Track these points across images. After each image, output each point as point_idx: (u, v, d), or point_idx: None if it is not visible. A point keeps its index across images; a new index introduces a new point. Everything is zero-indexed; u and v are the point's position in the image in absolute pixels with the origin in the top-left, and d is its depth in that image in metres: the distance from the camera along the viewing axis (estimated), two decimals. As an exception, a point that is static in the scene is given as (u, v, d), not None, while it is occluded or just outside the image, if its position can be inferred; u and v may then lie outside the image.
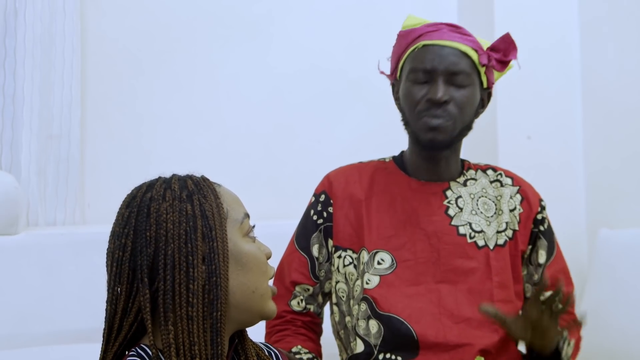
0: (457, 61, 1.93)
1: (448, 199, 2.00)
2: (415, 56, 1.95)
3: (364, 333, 1.93)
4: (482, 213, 2.00)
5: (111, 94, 2.87)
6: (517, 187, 2.05)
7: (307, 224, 2.06)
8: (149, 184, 1.40)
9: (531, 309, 1.80)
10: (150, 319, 1.31)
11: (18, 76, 2.64)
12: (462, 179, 2.04)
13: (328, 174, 2.10)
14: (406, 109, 1.97)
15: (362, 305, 1.93)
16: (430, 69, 1.92)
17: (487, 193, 2.03)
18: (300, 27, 3.11)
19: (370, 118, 3.06)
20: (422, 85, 1.93)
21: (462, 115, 1.94)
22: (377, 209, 2.00)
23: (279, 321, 2.01)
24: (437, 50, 1.93)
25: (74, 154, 2.72)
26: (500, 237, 1.99)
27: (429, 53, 1.93)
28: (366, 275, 1.94)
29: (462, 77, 1.92)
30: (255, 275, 1.39)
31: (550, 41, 3.16)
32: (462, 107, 1.93)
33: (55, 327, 2.40)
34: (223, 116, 3.00)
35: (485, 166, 2.09)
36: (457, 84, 1.92)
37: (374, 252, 1.96)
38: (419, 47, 1.95)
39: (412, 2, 3.21)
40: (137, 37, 2.90)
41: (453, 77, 1.92)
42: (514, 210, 2.02)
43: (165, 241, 1.32)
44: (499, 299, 1.94)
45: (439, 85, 1.91)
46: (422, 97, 1.93)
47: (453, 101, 1.91)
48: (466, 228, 1.97)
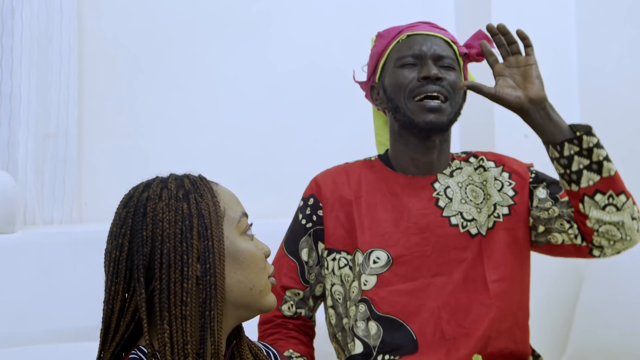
0: (443, 47, 1.99)
1: (437, 190, 2.00)
2: (400, 46, 1.99)
3: (363, 334, 1.92)
4: (471, 201, 2.00)
5: (108, 93, 2.86)
6: (500, 167, 2.06)
7: (296, 228, 2.06)
8: (146, 184, 1.41)
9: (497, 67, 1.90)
10: (146, 319, 1.31)
11: (15, 75, 2.64)
12: (448, 170, 2.04)
13: (315, 177, 2.10)
14: (396, 94, 1.98)
15: (361, 306, 1.93)
16: (418, 53, 1.96)
17: (474, 180, 2.03)
18: (298, 27, 3.11)
19: (368, 117, 3.06)
20: (411, 68, 1.97)
21: (455, 96, 1.96)
22: (368, 208, 2.00)
23: (270, 325, 2.02)
24: (422, 38, 1.99)
25: (71, 153, 2.72)
26: (490, 221, 1.99)
27: (415, 41, 1.98)
28: (363, 276, 1.94)
29: (449, 60, 1.97)
30: (253, 272, 1.40)
31: (548, 41, 3.16)
32: (454, 88, 1.96)
33: (53, 325, 2.40)
34: (221, 115, 2.99)
35: (466, 156, 2.10)
36: (445, 66, 1.96)
37: (368, 251, 1.95)
38: (403, 38, 1.99)
39: (409, 2, 3.22)
40: (134, 36, 2.89)
41: (441, 60, 1.96)
42: (502, 188, 2.02)
43: (161, 240, 1.32)
44: (493, 279, 1.94)
45: (430, 64, 1.95)
46: (413, 77, 1.95)
47: (445, 80, 1.95)
48: (458, 218, 1.97)
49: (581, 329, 2.83)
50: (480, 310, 1.92)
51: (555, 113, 1.88)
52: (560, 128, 1.87)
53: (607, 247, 1.94)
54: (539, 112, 1.87)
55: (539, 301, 2.20)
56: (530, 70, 1.86)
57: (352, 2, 3.17)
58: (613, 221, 1.87)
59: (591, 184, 1.85)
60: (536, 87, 1.86)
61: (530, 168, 2.08)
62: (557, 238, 1.99)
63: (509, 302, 1.95)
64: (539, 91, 1.86)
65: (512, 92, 1.86)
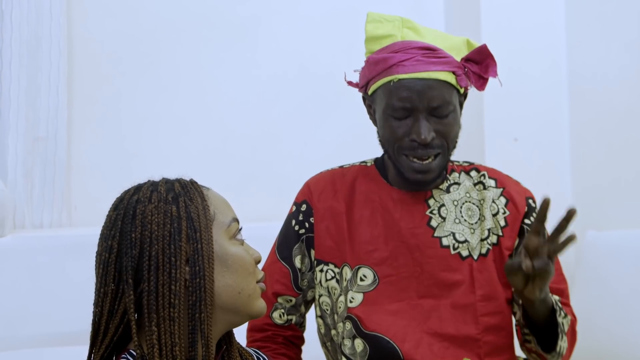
0: (437, 94, 1.82)
1: (430, 208, 1.94)
2: (390, 92, 1.84)
3: (349, 352, 1.89)
4: (465, 221, 1.94)
5: (98, 96, 2.86)
6: (500, 189, 1.98)
7: (289, 233, 2.00)
8: (137, 187, 1.41)
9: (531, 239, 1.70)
10: (135, 321, 1.31)
11: (4, 78, 2.64)
12: (445, 185, 1.97)
13: (308, 182, 2.04)
14: (387, 143, 1.89)
15: (347, 324, 1.90)
16: (409, 107, 1.83)
17: (471, 197, 1.97)
18: (286, 30, 3.11)
19: (357, 121, 3.04)
20: (402, 121, 1.85)
21: (449, 141, 1.87)
22: (359, 221, 1.95)
23: (261, 335, 1.98)
24: (413, 85, 1.82)
25: (60, 157, 2.71)
26: (484, 246, 1.93)
27: (406, 90, 1.82)
28: (350, 293, 1.90)
29: (443, 108, 1.83)
30: (241, 276, 1.40)
31: (537, 43, 3.18)
32: (448, 135, 1.86)
33: (42, 329, 2.40)
34: (210, 119, 3.00)
35: (469, 167, 2.02)
36: (438, 115, 1.84)
37: (356, 268, 1.91)
38: (394, 80, 1.83)
39: (399, 5, 3.22)
40: (123, 39, 2.90)
41: (434, 111, 1.83)
42: (497, 214, 1.95)
43: (150, 243, 1.32)
44: (483, 312, 1.89)
45: (422, 124, 1.82)
46: (403, 134, 1.84)
47: (438, 134, 1.84)
48: (449, 239, 1.92)
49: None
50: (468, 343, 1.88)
51: (544, 305, 1.80)
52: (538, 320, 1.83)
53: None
54: (527, 303, 1.80)
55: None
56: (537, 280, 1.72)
57: (341, 5, 3.17)
58: None
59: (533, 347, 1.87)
60: (535, 293, 1.74)
61: (529, 200, 1.99)
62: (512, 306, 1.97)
63: (499, 336, 1.92)
64: (530, 294, 1.74)
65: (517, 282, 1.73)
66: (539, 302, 1.78)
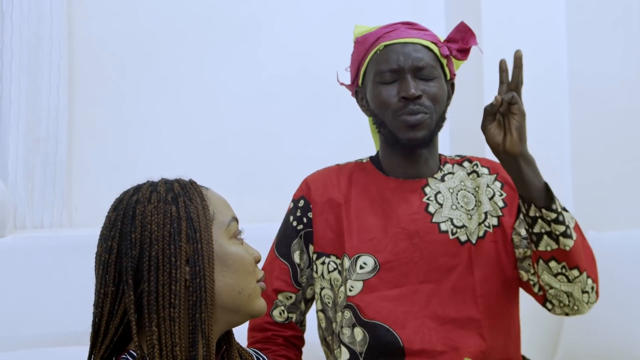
0: (421, 56, 1.94)
1: (427, 195, 1.98)
2: (378, 58, 1.96)
3: (349, 341, 1.91)
4: (462, 207, 1.98)
5: (99, 96, 2.86)
6: (494, 175, 2.03)
7: (287, 230, 2.04)
8: (136, 187, 1.42)
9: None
10: (135, 321, 1.31)
11: (5, 79, 2.63)
12: (439, 174, 2.02)
13: (306, 179, 2.08)
14: (379, 111, 1.96)
15: (346, 312, 1.91)
16: (396, 68, 1.92)
17: (466, 186, 2.01)
18: (287, 31, 3.11)
19: (358, 121, 3.05)
20: (391, 85, 1.94)
21: (437, 106, 1.94)
22: (357, 212, 1.98)
23: (261, 336, 1.99)
24: (399, 48, 1.94)
25: (61, 157, 2.71)
26: (481, 229, 1.96)
27: (392, 52, 1.94)
28: (349, 282, 1.92)
29: (429, 70, 1.93)
30: (241, 276, 1.40)
31: (537, 42, 3.17)
32: (435, 99, 1.93)
33: (43, 330, 2.40)
34: (210, 119, 2.99)
35: (461, 159, 2.08)
36: (424, 77, 1.93)
37: (355, 257, 1.94)
38: (380, 48, 1.96)
39: (399, 5, 3.23)
40: (124, 39, 2.90)
41: (420, 72, 1.93)
42: (493, 197, 2.00)
43: (150, 243, 1.33)
44: (482, 292, 1.92)
45: (409, 81, 1.91)
46: (393, 96, 1.93)
47: (425, 94, 1.92)
48: (447, 224, 1.95)
49: (571, 332, 2.83)
50: (469, 324, 1.90)
51: (531, 169, 1.80)
52: (530, 188, 1.80)
53: (556, 307, 1.92)
54: (512, 164, 1.80)
55: (529, 305, 2.20)
56: (512, 120, 1.78)
57: (342, 6, 3.17)
58: (562, 290, 1.85)
59: (548, 250, 1.81)
60: (513, 140, 1.77)
61: None
62: (522, 275, 1.97)
63: (500, 315, 1.94)
64: (514, 146, 1.77)
65: (495, 134, 1.79)
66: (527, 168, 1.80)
